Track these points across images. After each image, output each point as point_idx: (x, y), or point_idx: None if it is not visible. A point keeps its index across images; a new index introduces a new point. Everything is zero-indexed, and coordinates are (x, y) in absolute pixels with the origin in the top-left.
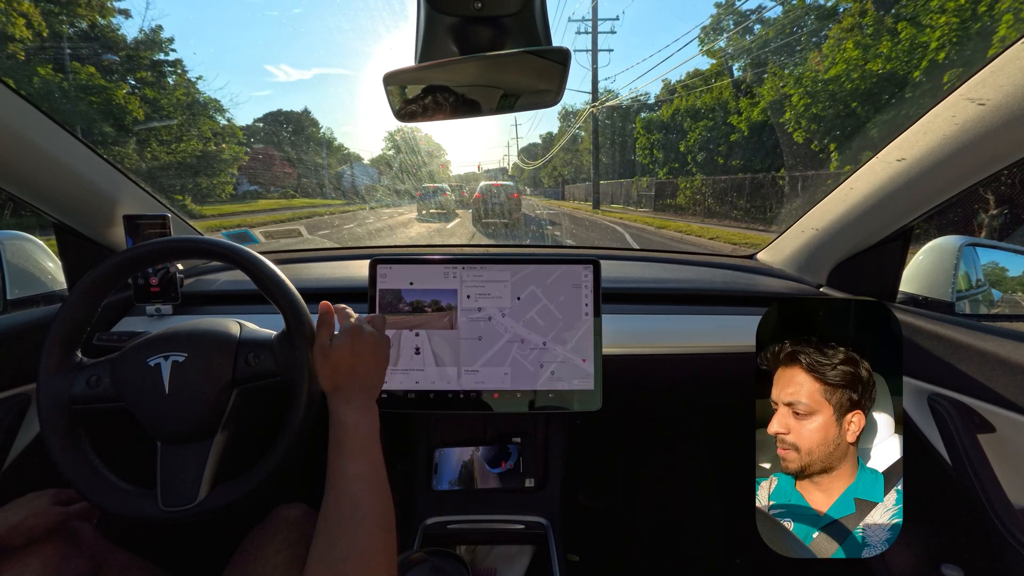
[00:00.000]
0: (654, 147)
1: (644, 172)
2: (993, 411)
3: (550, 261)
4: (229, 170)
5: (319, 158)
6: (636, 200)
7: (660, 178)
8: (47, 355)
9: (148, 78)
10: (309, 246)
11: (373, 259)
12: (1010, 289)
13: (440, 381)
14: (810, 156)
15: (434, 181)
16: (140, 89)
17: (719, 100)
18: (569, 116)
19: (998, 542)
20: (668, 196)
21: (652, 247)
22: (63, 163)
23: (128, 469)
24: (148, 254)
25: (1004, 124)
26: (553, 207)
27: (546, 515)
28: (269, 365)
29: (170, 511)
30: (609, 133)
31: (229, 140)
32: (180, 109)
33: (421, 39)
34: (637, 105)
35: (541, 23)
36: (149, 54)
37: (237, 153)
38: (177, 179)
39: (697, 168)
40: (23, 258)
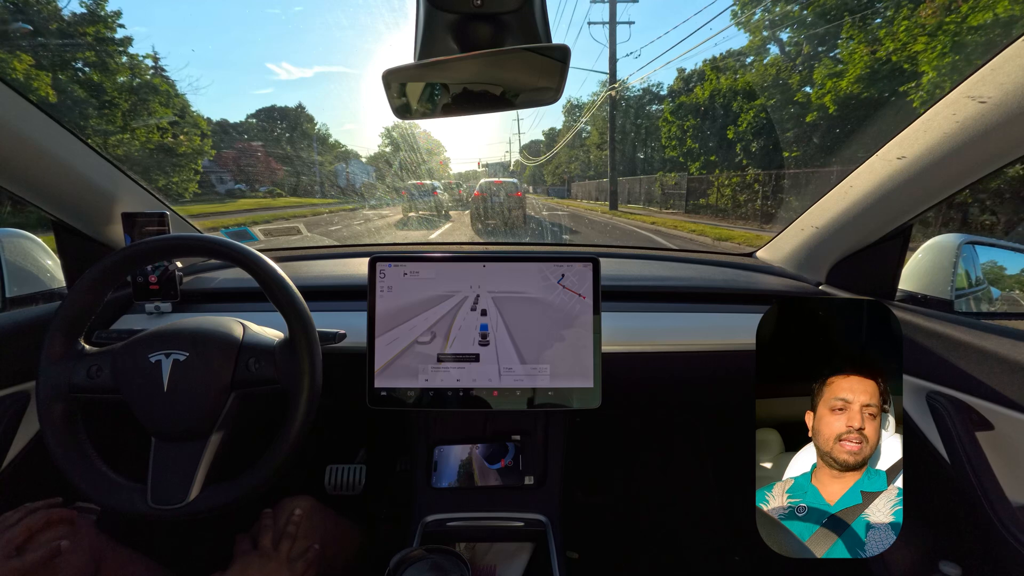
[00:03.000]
0: (687, 136)
1: (672, 166)
2: (992, 409)
3: (550, 259)
4: (191, 166)
5: (313, 155)
6: (660, 199)
7: (692, 173)
8: (50, 341)
9: (90, 58)
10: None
11: (372, 257)
12: (1009, 287)
13: (439, 379)
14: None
15: (434, 179)
16: (81, 71)
17: (780, 74)
18: (574, 110)
19: (996, 540)
20: (701, 194)
21: (656, 246)
22: (61, 161)
23: (123, 462)
24: (155, 250)
25: (1004, 122)
26: (561, 207)
27: (545, 512)
28: (270, 372)
29: (158, 508)
30: (626, 122)
31: (190, 132)
32: (125, 94)
33: (421, 36)
34: (661, 88)
35: (541, 20)
36: (92, 30)
37: (201, 147)
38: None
39: (748, 160)
40: (22, 256)
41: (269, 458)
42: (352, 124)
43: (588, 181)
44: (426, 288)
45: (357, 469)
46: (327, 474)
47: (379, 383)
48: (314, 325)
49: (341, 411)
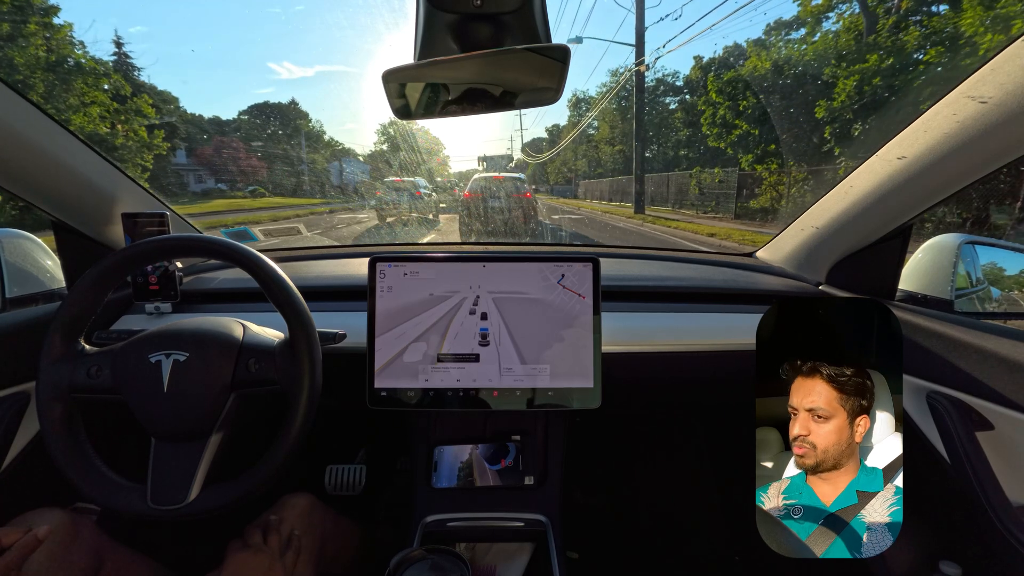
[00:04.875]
0: (743, 119)
1: (712, 160)
2: (992, 409)
3: (550, 259)
4: (136, 161)
5: (301, 153)
6: (696, 201)
7: (744, 168)
8: (50, 341)
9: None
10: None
11: (372, 257)
12: (1009, 287)
13: (439, 379)
14: None
15: (434, 178)
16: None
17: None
18: (580, 104)
19: (996, 540)
20: (751, 194)
21: (657, 245)
22: (61, 161)
23: (123, 462)
24: (155, 250)
25: (1005, 121)
26: (572, 209)
27: (545, 513)
28: (270, 373)
29: (158, 509)
30: (653, 109)
31: (132, 120)
32: (40, 72)
33: (420, 36)
34: (699, 65)
35: (541, 20)
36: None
37: (147, 141)
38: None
39: (843, 147)
40: (22, 256)
41: (269, 459)
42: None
43: (597, 180)
44: (426, 288)
45: (357, 469)
46: (327, 474)
47: (379, 383)
48: (314, 325)
49: (341, 411)
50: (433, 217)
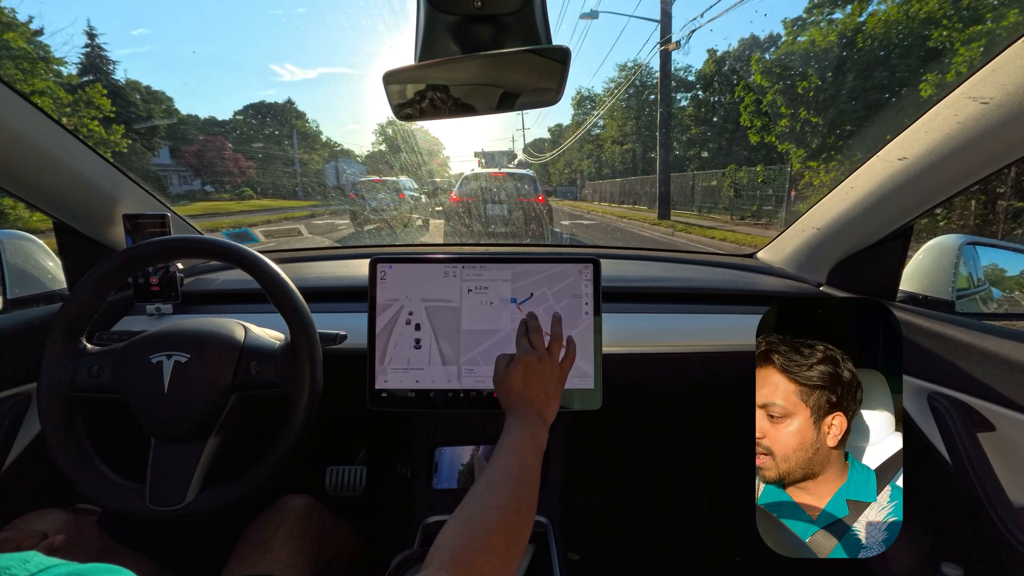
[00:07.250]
0: (802, 105)
1: (726, 158)
2: (993, 410)
3: (550, 260)
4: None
5: (294, 153)
6: (730, 204)
7: (795, 168)
8: (51, 341)
9: None
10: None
11: (373, 258)
12: (1010, 288)
13: (440, 380)
14: None
15: (434, 178)
16: None
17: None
18: (584, 102)
19: (998, 541)
20: (799, 197)
21: (657, 246)
22: (63, 162)
23: (123, 463)
24: (156, 251)
25: (1006, 122)
26: (585, 213)
27: (546, 514)
28: (270, 376)
29: (157, 509)
30: (694, 99)
31: (79, 114)
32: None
33: (421, 38)
34: (747, 46)
35: (541, 22)
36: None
37: (104, 137)
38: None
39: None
40: (23, 257)
41: (268, 460)
42: (355, 124)
43: (604, 181)
44: (428, 288)
45: (358, 471)
46: (328, 475)
47: (379, 384)
48: (315, 327)
49: (342, 412)
50: (423, 223)
